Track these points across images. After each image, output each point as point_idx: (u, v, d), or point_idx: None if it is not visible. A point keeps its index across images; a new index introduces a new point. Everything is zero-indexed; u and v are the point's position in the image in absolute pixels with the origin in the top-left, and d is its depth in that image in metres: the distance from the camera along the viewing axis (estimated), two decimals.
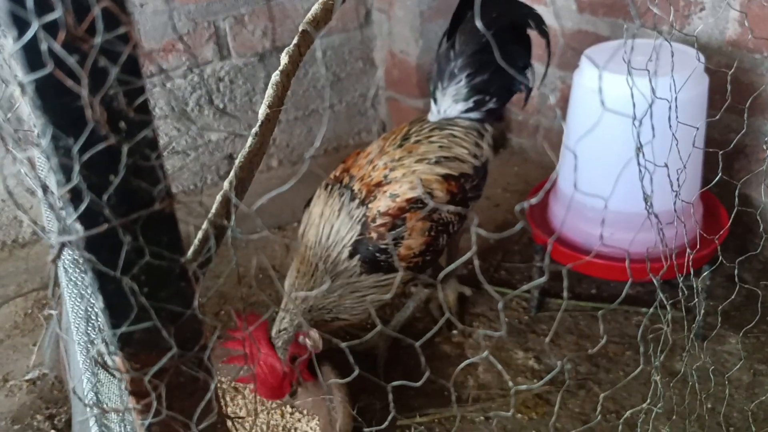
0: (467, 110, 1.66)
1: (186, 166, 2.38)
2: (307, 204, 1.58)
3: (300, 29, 1.02)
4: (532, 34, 1.69)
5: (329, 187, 1.54)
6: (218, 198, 0.69)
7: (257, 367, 1.38)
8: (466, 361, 0.76)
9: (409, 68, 2.48)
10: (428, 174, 1.53)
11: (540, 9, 2.24)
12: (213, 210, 0.68)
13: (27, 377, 1.73)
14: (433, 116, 1.69)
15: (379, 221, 1.46)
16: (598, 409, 1.21)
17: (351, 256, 1.46)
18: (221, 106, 2.36)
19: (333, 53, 2.51)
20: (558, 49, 2.18)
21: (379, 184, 1.50)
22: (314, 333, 1.45)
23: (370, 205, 1.48)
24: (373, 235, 1.45)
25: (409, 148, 1.58)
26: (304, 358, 1.44)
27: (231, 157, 2.46)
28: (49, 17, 0.43)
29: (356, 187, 1.51)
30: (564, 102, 2.31)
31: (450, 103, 1.67)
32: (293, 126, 2.52)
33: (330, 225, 1.48)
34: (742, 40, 1.79)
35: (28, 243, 2.21)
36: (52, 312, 1.81)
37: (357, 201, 1.49)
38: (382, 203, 1.47)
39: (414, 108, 2.54)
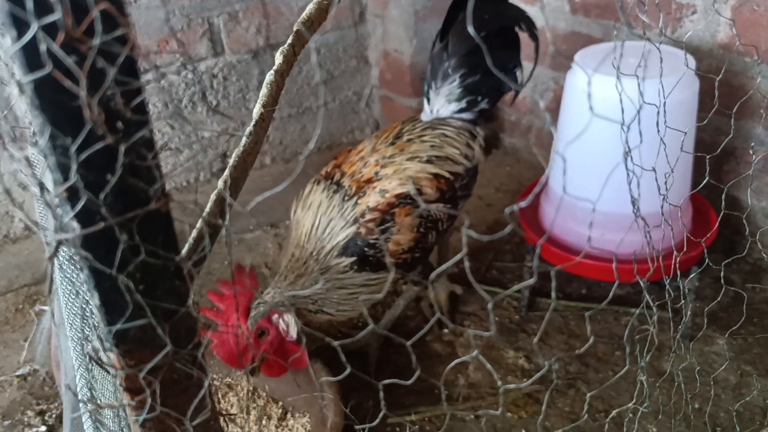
0: (460, 110, 1.67)
1: (179, 163, 2.38)
2: (297, 198, 1.58)
3: (294, 29, 1.03)
4: (523, 35, 1.70)
5: (320, 183, 1.55)
6: (212, 197, 0.70)
7: (221, 329, 1.31)
8: (456, 360, 0.77)
9: (402, 67, 2.49)
10: (419, 172, 1.54)
11: (532, 10, 2.25)
12: (207, 209, 0.68)
13: (18, 373, 1.73)
14: (425, 116, 1.70)
15: (368, 216, 1.47)
16: (585, 408, 1.22)
17: (341, 252, 1.47)
18: (214, 103, 2.36)
19: (327, 51, 2.52)
20: (548, 52, 2.19)
21: (369, 181, 1.51)
22: (290, 318, 1.41)
23: (359, 201, 1.49)
24: (362, 230, 1.46)
25: (401, 146, 1.59)
26: (270, 338, 1.39)
27: (224, 155, 2.47)
28: (49, 19, 0.43)
29: (347, 183, 1.52)
30: (557, 102, 2.33)
31: (443, 102, 1.68)
32: (286, 123, 2.53)
33: (320, 221, 1.49)
34: (732, 43, 1.80)
35: (19, 238, 2.21)
36: (44, 308, 1.81)
37: (347, 197, 1.49)
38: (371, 199, 1.48)
39: (407, 107, 2.55)
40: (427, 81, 1.71)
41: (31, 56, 0.45)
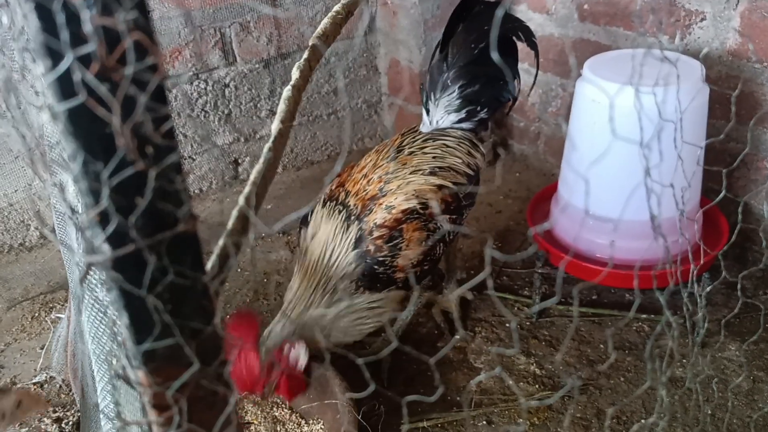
0: (459, 120, 1.69)
1: (191, 171, 2.40)
2: (303, 221, 1.58)
3: (309, 44, 1.04)
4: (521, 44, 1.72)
5: (326, 204, 1.55)
6: (234, 213, 0.71)
7: (236, 361, 1.35)
8: (479, 378, 0.77)
9: (412, 76, 2.50)
10: (423, 184, 1.54)
11: (542, 18, 2.26)
12: (229, 226, 0.69)
13: (34, 380, 1.75)
14: (425, 127, 1.71)
15: (376, 234, 1.47)
16: (607, 422, 1.22)
17: (350, 272, 1.47)
18: (226, 111, 2.38)
19: (337, 60, 2.54)
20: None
21: (374, 198, 1.52)
22: (300, 348, 1.43)
23: (366, 219, 1.49)
24: (371, 247, 1.47)
25: (403, 160, 1.60)
26: (283, 370, 1.42)
27: (236, 162, 2.48)
28: (84, 50, 0.44)
29: (352, 202, 1.52)
30: (566, 110, 2.34)
31: (443, 113, 1.69)
32: (297, 132, 2.55)
33: (327, 246, 1.49)
34: (742, 50, 1.81)
35: (35, 246, 2.23)
36: (60, 316, 1.82)
37: (353, 217, 1.50)
38: (378, 216, 1.49)
39: (416, 115, 2.56)
40: (426, 92, 1.72)
41: (64, 84, 0.46)
